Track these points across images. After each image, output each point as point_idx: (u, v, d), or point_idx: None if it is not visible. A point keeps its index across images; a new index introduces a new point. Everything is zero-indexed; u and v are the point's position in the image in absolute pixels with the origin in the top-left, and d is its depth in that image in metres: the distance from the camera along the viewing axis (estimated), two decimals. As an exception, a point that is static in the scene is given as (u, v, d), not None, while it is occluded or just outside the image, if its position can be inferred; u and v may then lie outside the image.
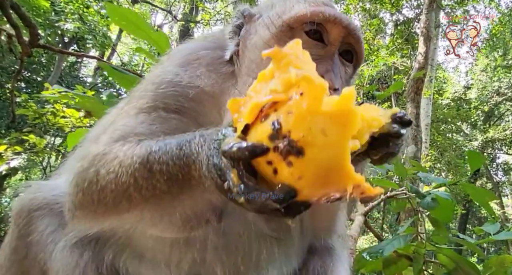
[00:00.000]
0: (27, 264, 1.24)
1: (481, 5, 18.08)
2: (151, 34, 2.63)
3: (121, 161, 1.02)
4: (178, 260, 1.22)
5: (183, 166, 0.92)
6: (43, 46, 4.77)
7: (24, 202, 1.32)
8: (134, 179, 0.98)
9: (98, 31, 11.07)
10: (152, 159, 0.96)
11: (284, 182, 0.73)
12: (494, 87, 20.00)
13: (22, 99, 6.97)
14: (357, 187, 0.75)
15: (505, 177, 23.62)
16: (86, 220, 1.14)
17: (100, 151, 1.10)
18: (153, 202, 1.00)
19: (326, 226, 1.43)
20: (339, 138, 0.72)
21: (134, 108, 1.23)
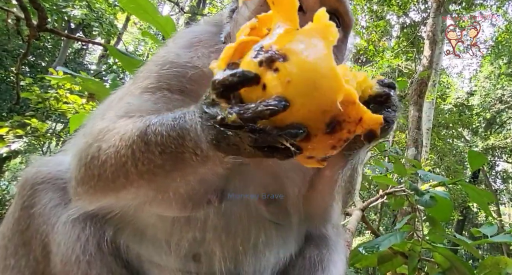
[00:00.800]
0: (29, 235, 1.24)
1: (488, 11, 18.02)
2: (158, 19, 2.63)
3: (122, 134, 1.04)
4: (179, 238, 1.23)
5: (176, 137, 0.92)
6: (51, 30, 4.78)
7: (28, 175, 1.33)
8: (132, 151, 1.00)
9: (104, 19, 11.06)
10: (149, 131, 0.97)
11: (273, 93, 0.71)
12: (497, 94, 19.98)
13: (26, 83, 6.98)
14: (351, 104, 0.74)
15: (503, 185, 23.65)
16: (86, 197, 1.15)
17: (104, 127, 1.12)
18: (148, 179, 1.01)
19: (320, 214, 1.43)
20: (320, 47, 0.74)
21: (139, 88, 1.25)
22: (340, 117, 0.74)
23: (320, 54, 0.73)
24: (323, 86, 0.71)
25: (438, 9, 11.05)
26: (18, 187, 1.35)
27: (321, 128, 0.73)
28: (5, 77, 11.03)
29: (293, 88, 0.70)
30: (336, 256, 1.49)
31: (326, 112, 0.73)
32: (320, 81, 0.71)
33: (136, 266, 1.28)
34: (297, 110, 0.71)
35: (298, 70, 0.71)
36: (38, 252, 1.22)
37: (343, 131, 0.75)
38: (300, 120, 0.72)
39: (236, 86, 0.74)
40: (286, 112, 0.71)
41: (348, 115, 0.75)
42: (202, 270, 1.26)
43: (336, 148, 0.78)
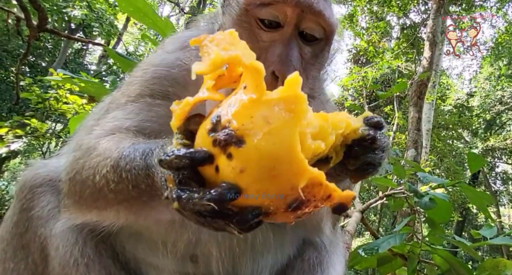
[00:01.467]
0: (27, 238, 1.25)
1: (488, 13, 18.05)
2: (158, 22, 2.64)
3: (100, 159, 1.04)
4: (175, 240, 1.23)
5: (145, 176, 0.90)
6: (51, 31, 4.79)
7: (27, 178, 1.34)
8: (106, 181, 0.99)
9: (105, 20, 11.09)
10: (121, 165, 0.96)
11: (225, 180, 0.65)
12: (497, 96, 20.00)
13: (26, 83, 6.97)
14: (317, 186, 0.68)
15: (503, 187, 23.63)
16: (73, 210, 1.17)
17: (91, 145, 1.13)
18: (127, 206, 1.01)
19: (312, 225, 1.42)
20: (284, 124, 0.66)
21: (124, 95, 1.27)
22: (304, 199, 0.68)
23: (282, 136, 0.65)
24: (282, 173, 0.65)
25: (438, 10, 11.06)
26: (16, 190, 1.35)
27: (281, 208, 0.68)
28: (5, 77, 11.05)
29: (247, 176, 0.64)
30: (335, 258, 1.49)
31: (287, 197, 0.67)
32: (279, 168, 0.65)
33: (135, 268, 1.29)
34: (251, 196, 0.65)
35: (254, 157, 0.64)
36: (37, 255, 1.22)
37: (309, 208, 0.70)
38: (257, 204, 0.66)
39: (185, 169, 0.68)
40: (239, 198, 0.65)
41: (314, 196, 0.69)
42: (199, 271, 1.26)
43: (302, 217, 0.72)
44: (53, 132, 7.24)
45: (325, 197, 0.70)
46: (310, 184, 0.67)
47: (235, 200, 0.65)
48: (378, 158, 0.94)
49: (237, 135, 0.64)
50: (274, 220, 0.72)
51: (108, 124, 1.20)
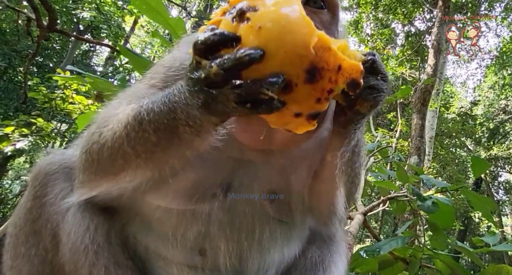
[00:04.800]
0: (39, 224, 1.26)
1: (493, 22, 18.10)
2: (169, 20, 2.67)
3: (119, 118, 1.06)
4: (184, 231, 1.24)
5: (168, 111, 0.93)
6: (60, 31, 4.86)
7: (41, 166, 1.36)
8: (126, 132, 1.01)
9: (113, 22, 11.21)
10: (142, 110, 0.99)
11: (247, 45, 0.74)
12: (501, 105, 19.94)
13: (34, 83, 7.05)
14: (327, 50, 0.76)
15: (506, 196, 23.44)
16: (87, 183, 1.18)
17: (106, 114, 1.16)
18: (145, 158, 1.02)
19: (325, 206, 1.40)
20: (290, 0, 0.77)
21: (146, 85, 1.29)
22: (318, 64, 0.75)
23: (289, 3, 0.76)
24: (295, 31, 0.73)
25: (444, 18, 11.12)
26: (30, 178, 1.37)
27: (301, 76, 0.75)
28: (13, 77, 11.16)
29: (265, 33, 0.73)
30: (337, 257, 1.50)
31: (303, 57, 0.74)
32: (291, 25, 0.73)
33: (144, 258, 1.30)
34: (273, 56, 0.73)
35: (268, 16, 0.73)
36: (48, 241, 1.24)
37: (324, 80, 0.76)
38: (278, 69, 0.73)
39: (217, 46, 0.77)
40: (263, 62, 0.73)
41: (326, 62, 0.76)
42: (207, 265, 1.27)
43: (322, 101, 0.78)
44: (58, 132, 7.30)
45: (337, 67, 0.77)
46: (321, 46, 0.75)
47: (262, 59, 0.73)
48: (381, 83, 0.98)
49: (251, 6, 0.76)
50: (298, 104, 0.78)
51: (127, 98, 1.22)
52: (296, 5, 0.76)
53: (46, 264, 1.24)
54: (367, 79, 0.95)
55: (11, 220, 1.39)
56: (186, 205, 1.21)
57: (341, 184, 1.30)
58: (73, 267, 1.18)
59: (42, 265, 1.25)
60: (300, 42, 0.73)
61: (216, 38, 0.76)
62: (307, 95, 0.77)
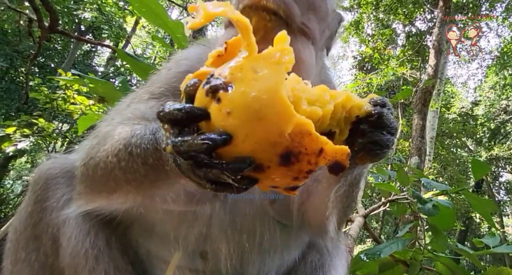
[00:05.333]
0: (40, 229, 1.27)
1: (494, 22, 18.07)
2: (168, 22, 2.67)
3: (113, 141, 1.06)
4: (186, 234, 1.25)
5: (154, 150, 0.91)
6: (62, 32, 4.85)
7: (42, 170, 1.36)
8: (118, 159, 1.01)
9: (114, 22, 11.23)
10: (132, 141, 0.98)
11: (216, 127, 0.69)
12: (502, 105, 19.90)
13: (35, 83, 7.06)
14: (307, 136, 0.69)
15: (507, 197, 23.39)
16: (84, 196, 1.19)
17: (107, 131, 1.16)
18: (135, 186, 1.02)
19: (316, 225, 1.37)
20: (271, 72, 0.70)
21: (147, 92, 1.29)
22: (294, 149, 0.69)
23: (267, 82, 0.68)
24: (269, 117, 0.67)
25: (444, 19, 11.10)
26: (31, 182, 1.38)
27: (274, 160, 0.69)
28: (14, 77, 11.18)
29: (234, 119, 0.67)
30: (337, 262, 1.50)
31: (276, 144, 0.68)
32: (264, 111, 0.66)
33: (145, 262, 1.31)
34: (242, 142, 0.67)
35: (240, 100, 0.67)
36: (48, 246, 1.25)
37: (302, 163, 0.70)
38: (248, 153, 0.68)
39: (181, 122, 0.71)
40: (231, 145, 0.67)
41: (305, 147, 0.69)
42: (208, 268, 1.28)
43: (300, 179, 0.73)
44: (60, 133, 7.30)
45: (317, 151, 0.70)
46: (299, 132, 0.68)
47: (226, 145, 0.67)
48: (386, 139, 0.91)
49: (225, 82, 0.69)
50: (272, 181, 0.73)
51: (128, 115, 1.22)
52: (277, 84, 0.68)
53: (46, 269, 1.25)
54: (371, 133, 0.89)
55: (12, 224, 1.39)
56: (187, 206, 1.21)
57: (334, 211, 1.26)
58: (73, 271, 1.19)
59: (42, 270, 1.25)
60: (274, 130, 0.67)
61: (180, 116, 0.70)
62: (281, 175, 0.71)
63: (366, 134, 0.89)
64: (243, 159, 0.68)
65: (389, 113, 0.91)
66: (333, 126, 0.84)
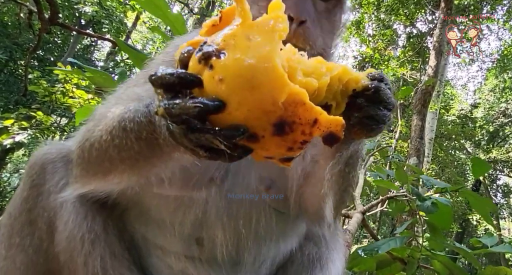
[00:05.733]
0: (35, 213, 1.26)
1: (495, 25, 18.10)
2: (169, 15, 2.67)
3: (107, 120, 1.07)
4: (182, 219, 1.24)
5: (147, 123, 0.92)
6: (62, 25, 4.84)
7: (38, 155, 1.35)
8: (112, 137, 1.02)
9: (115, 17, 11.20)
10: (125, 117, 0.99)
11: (209, 94, 0.68)
12: (501, 108, 19.96)
13: (34, 77, 7.04)
14: (300, 105, 0.68)
15: (504, 199, 23.46)
16: (80, 178, 1.18)
17: (102, 112, 1.16)
18: (129, 164, 1.03)
19: (313, 210, 1.37)
20: (264, 40, 0.68)
21: (144, 76, 1.28)
22: (288, 119, 0.68)
23: (261, 50, 0.67)
24: (262, 85, 0.66)
25: (446, 20, 11.10)
26: (26, 168, 1.36)
27: (268, 129, 0.68)
28: (14, 70, 11.16)
29: (226, 87, 0.66)
30: (335, 255, 1.49)
31: (269, 113, 0.67)
32: (257, 79, 0.65)
33: (141, 248, 1.29)
34: (235, 110, 0.66)
35: (232, 67, 0.66)
36: (43, 230, 1.23)
37: (296, 133, 0.69)
38: (242, 121, 0.67)
39: (173, 87, 0.70)
40: (224, 113, 0.66)
41: (299, 117, 0.68)
42: (204, 255, 1.27)
43: (294, 149, 0.72)
44: (58, 126, 7.29)
45: (312, 121, 0.69)
46: (292, 101, 0.67)
47: (219, 111, 0.66)
48: (382, 114, 0.91)
49: (218, 49, 0.67)
50: (267, 151, 0.72)
51: (124, 97, 1.23)
52: (271, 51, 0.67)
53: (41, 253, 1.24)
54: (367, 108, 0.89)
55: (6, 210, 1.38)
56: (183, 190, 1.21)
57: (331, 193, 1.26)
58: (69, 255, 1.18)
59: (37, 254, 1.24)
60: (267, 98, 0.66)
61: (172, 80, 0.70)
62: (276, 145, 0.71)
63: (362, 109, 0.89)
64: (236, 126, 0.67)
65: (387, 88, 0.91)
66: (329, 99, 0.84)
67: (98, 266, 1.16)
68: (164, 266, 1.28)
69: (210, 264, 1.27)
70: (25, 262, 1.24)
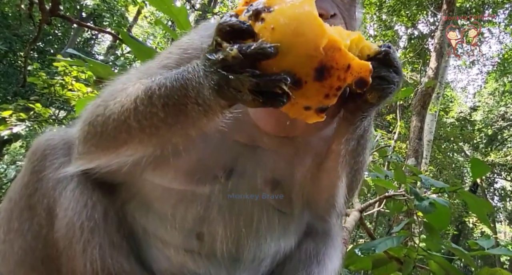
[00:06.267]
0: (35, 199, 1.25)
1: (496, 28, 18.12)
2: (173, 8, 2.67)
3: (128, 92, 1.08)
4: (183, 213, 1.24)
5: (179, 87, 0.95)
6: (63, 16, 4.81)
7: (40, 141, 1.35)
8: (135, 106, 1.03)
9: (116, 11, 11.15)
10: (153, 85, 1.01)
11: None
12: (500, 111, 19.99)
13: (34, 68, 6.99)
14: (337, 51, 0.79)
15: (501, 203, 23.55)
16: (87, 155, 1.18)
17: (114, 88, 1.17)
18: (149, 133, 1.04)
19: (326, 197, 1.40)
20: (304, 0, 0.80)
21: (159, 65, 1.29)
22: (327, 63, 0.79)
23: (302, 4, 0.79)
24: (306, 32, 0.77)
25: (447, 22, 11.09)
26: (28, 153, 1.36)
27: (310, 74, 0.79)
28: (13, 61, 11.12)
29: (278, 34, 0.77)
30: (332, 251, 1.50)
31: (313, 57, 0.78)
32: (302, 27, 0.77)
33: (140, 239, 1.29)
34: (285, 55, 0.77)
35: (281, 18, 0.77)
36: (43, 216, 1.23)
37: (333, 78, 0.80)
38: (290, 67, 0.78)
39: (241, 33, 0.81)
40: (276, 59, 0.77)
41: (336, 62, 0.79)
42: (204, 250, 1.26)
43: (330, 96, 0.82)
44: (56, 119, 7.26)
45: (346, 66, 0.81)
46: (331, 46, 0.79)
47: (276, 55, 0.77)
48: (392, 76, 1.02)
49: (266, 6, 0.80)
50: (307, 99, 0.82)
51: (137, 74, 1.24)
52: (310, 6, 0.79)
53: (39, 239, 1.23)
54: (378, 69, 0.99)
55: (6, 195, 1.38)
56: (187, 184, 1.21)
57: (343, 175, 1.31)
58: (68, 242, 1.17)
59: (35, 240, 1.23)
60: (311, 44, 0.77)
61: (241, 26, 0.80)
62: (315, 91, 0.81)
63: (374, 69, 0.94)
64: (288, 72, 0.78)
65: (394, 53, 1.02)
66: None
67: (97, 254, 1.16)
68: (163, 258, 1.28)
69: (210, 259, 1.27)
70: (23, 247, 1.24)
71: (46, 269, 1.23)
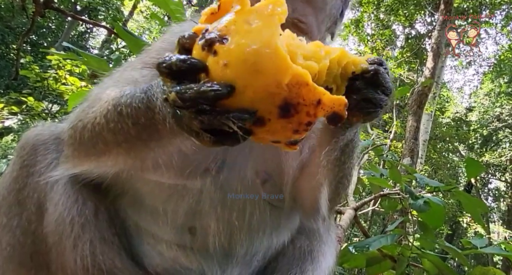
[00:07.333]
0: (24, 194, 1.24)
1: (493, 29, 18.23)
2: (170, 2, 2.67)
3: (102, 103, 1.05)
4: (175, 207, 1.22)
5: (146, 109, 0.91)
6: (57, 9, 4.74)
7: (30, 136, 1.33)
8: (106, 120, 1.00)
9: (111, 5, 11.05)
10: (121, 102, 0.97)
11: (214, 79, 0.69)
12: (495, 112, 20.14)
13: (26, 61, 6.90)
14: (304, 86, 0.69)
15: (495, 203, 23.77)
16: (71, 159, 1.17)
17: (97, 93, 1.15)
18: (126, 147, 1.01)
19: (308, 202, 1.38)
20: (264, 24, 0.70)
21: (141, 62, 1.28)
22: (293, 100, 0.69)
23: (262, 34, 0.69)
24: (265, 68, 0.68)
25: (444, 22, 11.13)
26: (17, 148, 1.34)
27: (273, 112, 0.70)
28: (5, 53, 10.99)
29: (231, 71, 0.67)
30: (326, 248, 1.49)
31: (275, 95, 0.69)
32: (261, 62, 0.68)
33: (132, 235, 1.27)
34: (242, 93, 0.68)
35: (236, 52, 0.68)
36: (32, 212, 1.21)
37: (301, 114, 0.71)
38: (249, 105, 0.69)
39: (183, 73, 0.70)
40: (232, 97, 0.68)
41: (302, 98, 0.70)
42: (196, 244, 1.25)
43: (300, 131, 0.73)
44: (49, 113, 7.16)
45: (315, 102, 0.71)
46: (296, 82, 0.69)
47: (230, 96, 0.68)
48: (379, 98, 0.91)
49: (220, 35, 0.69)
50: (273, 134, 0.73)
51: (120, 80, 1.21)
52: (271, 33, 0.69)
53: (28, 235, 1.21)
54: (365, 91, 0.90)
55: None
56: (178, 179, 1.20)
57: (326, 182, 1.27)
58: (57, 238, 1.15)
59: (24, 236, 1.22)
60: (271, 81, 0.68)
61: (182, 66, 0.70)
62: (282, 128, 0.72)
63: (360, 91, 0.89)
64: (246, 110, 0.69)
65: (385, 72, 0.92)
66: (329, 82, 0.85)
67: (87, 250, 1.14)
68: (155, 254, 1.27)
69: (202, 254, 1.26)
70: (11, 243, 1.22)
71: (35, 265, 1.21)
